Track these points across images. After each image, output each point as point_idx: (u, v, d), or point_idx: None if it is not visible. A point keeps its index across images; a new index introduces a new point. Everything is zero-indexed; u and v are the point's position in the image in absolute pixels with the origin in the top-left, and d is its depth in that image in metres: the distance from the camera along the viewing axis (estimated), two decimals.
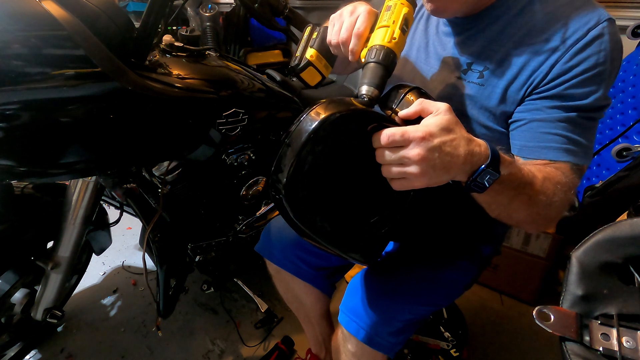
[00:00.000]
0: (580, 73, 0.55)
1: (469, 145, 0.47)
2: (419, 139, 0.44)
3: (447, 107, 0.48)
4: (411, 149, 0.44)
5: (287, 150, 0.47)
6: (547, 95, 0.58)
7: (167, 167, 1.04)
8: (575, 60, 0.55)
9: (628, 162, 1.14)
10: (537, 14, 0.59)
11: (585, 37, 0.55)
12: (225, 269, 1.30)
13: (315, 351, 1.13)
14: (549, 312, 0.48)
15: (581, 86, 0.56)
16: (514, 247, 1.45)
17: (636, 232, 0.50)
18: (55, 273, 1.00)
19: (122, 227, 1.77)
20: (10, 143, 0.67)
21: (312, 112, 0.47)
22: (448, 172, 0.46)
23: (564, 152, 0.58)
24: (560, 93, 0.57)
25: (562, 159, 0.58)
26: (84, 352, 1.26)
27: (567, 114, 0.57)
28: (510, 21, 0.61)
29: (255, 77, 1.06)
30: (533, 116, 0.59)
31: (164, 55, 0.88)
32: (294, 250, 0.92)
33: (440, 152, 0.45)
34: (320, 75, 0.69)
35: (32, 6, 0.61)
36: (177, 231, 1.08)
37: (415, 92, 0.53)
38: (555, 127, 0.58)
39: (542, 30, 0.58)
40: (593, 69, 0.55)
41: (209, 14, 2.26)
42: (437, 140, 0.45)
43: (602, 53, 0.55)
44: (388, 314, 0.72)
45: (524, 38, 0.59)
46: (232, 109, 0.95)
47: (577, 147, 0.58)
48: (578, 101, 0.56)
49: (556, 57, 0.56)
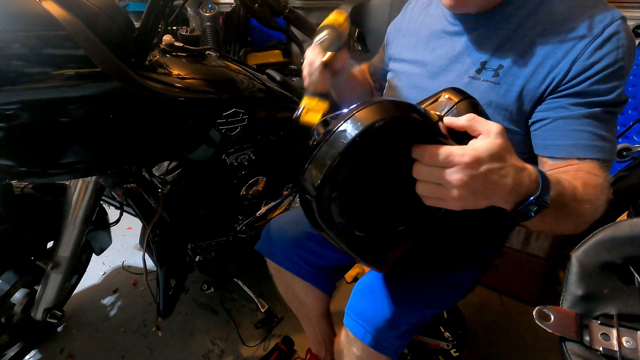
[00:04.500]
0: (603, 69, 0.55)
1: (518, 175, 0.43)
2: (464, 165, 0.39)
3: (500, 129, 0.43)
4: (454, 173, 0.40)
5: (327, 150, 0.42)
6: (570, 93, 0.57)
7: (167, 167, 1.04)
8: (596, 56, 0.55)
9: (628, 162, 1.14)
10: (551, 13, 0.59)
11: (602, 34, 0.55)
12: (225, 269, 1.30)
13: (315, 351, 1.13)
14: (549, 312, 0.47)
15: (604, 82, 0.56)
16: (514, 247, 1.44)
17: (636, 232, 0.50)
18: (55, 273, 1.00)
19: (122, 227, 1.77)
20: (10, 143, 0.67)
21: (361, 113, 0.41)
22: (489, 199, 0.43)
23: (592, 149, 0.56)
24: (583, 90, 0.56)
25: (591, 156, 0.56)
26: (84, 352, 1.26)
27: (591, 109, 0.56)
28: (524, 19, 0.61)
29: (255, 77, 1.06)
30: (558, 114, 0.58)
31: (164, 55, 0.88)
32: (295, 250, 0.92)
33: (485, 180, 0.40)
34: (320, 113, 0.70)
35: (32, 6, 0.61)
36: (177, 231, 1.08)
37: (468, 104, 0.49)
38: (581, 124, 0.56)
39: (557, 29, 0.58)
40: (614, 65, 0.55)
41: (209, 14, 2.25)
42: (484, 168, 0.40)
43: (621, 49, 0.55)
44: (395, 318, 0.72)
45: (539, 37, 0.59)
46: (232, 109, 0.95)
47: (604, 142, 0.57)
48: (602, 97, 0.56)
49: (575, 55, 0.56)
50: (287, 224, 0.96)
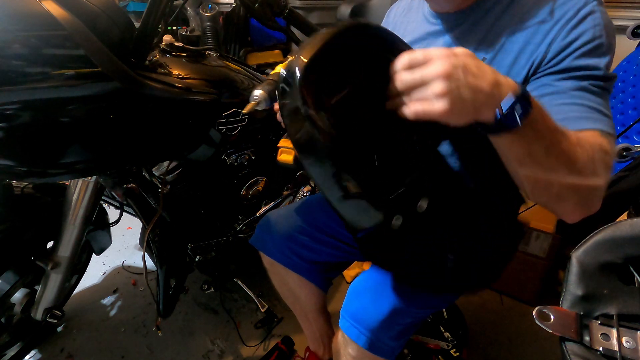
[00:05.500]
0: (581, 46, 0.55)
1: (494, 74, 0.43)
2: (443, 55, 0.40)
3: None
4: (434, 64, 0.40)
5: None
6: (552, 71, 0.57)
7: (167, 167, 1.04)
8: (573, 35, 0.55)
9: (628, 162, 1.14)
10: (527, 3, 0.60)
11: (577, 15, 0.56)
12: (225, 269, 1.30)
13: (313, 348, 1.12)
14: (549, 312, 0.47)
15: (586, 57, 0.55)
16: None
17: (636, 232, 0.50)
18: (55, 273, 1.00)
19: (122, 227, 1.77)
20: (10, 143, 0.67)
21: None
22: (474, 99, 0.41)
23: (586, 120, 0.52)
24: (566, 66, 0.56)
25: (587, 126, 0.52)
26: (84, 352, 1.26)
27: (580, 82, 0.55)
28: (501, 12, 0.62)
29: (255, 77, 1.06)
30: (542, 92, 0.56)
31: (164, 55, 0.88)
32: (288, 243, 0.92)
33: (465, 71, 0.40)
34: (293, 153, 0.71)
35: (32, 6, 0.61)
36: (177, 231, 1.08)
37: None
38: (570, 97, 0.54)
39: (535, 15, 0.58)
40: (592, 41, 0.55)
41: (209, 14, 2.26)
42: (462, 59, 0.41)
43: (598, 27, 0.55)
44: (389, 319, 0.72)
45: (518, 24, 0.60)
46: (232, 109, 0.95)
47: (599, 114, 0.53)
48: (587, 71, 0.55)
49: (552, 36, 0.56)
50: (281, 218, 0.96)
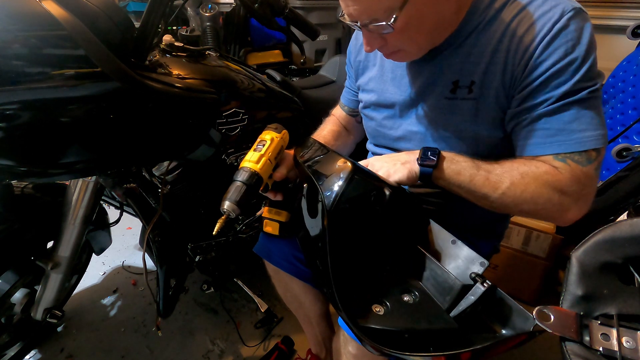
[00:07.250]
0: (553, 64, 0.56)
1: (400, 156, 0.65)
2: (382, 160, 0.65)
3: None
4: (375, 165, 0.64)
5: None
6: (525, 94, 0.59)
7: (167, 167, 1.04)
8: (545, 54, 0.57)
9: (628, 162, 1.14)
10: (502, 23, 0.60)
11: (551, 31, 0.56)
12: (225, 269, 1.29)
13: (315, 351, 1.13)
14: (549, 312, 0.47)
15: (557, 76, 0.56)
16: (514, 247, 1.45)
17: (636, 232, 0.50)
18: (55, 273, 1.00)
19: (122, 227, 1.77)
20: (10, 143, 0.67)
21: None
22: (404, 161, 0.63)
23: (542, 146, 0.59)
24: (538, 87, 0.58)
25: (540, 152, 0.60)
26: (84, 352, 1.26)
27: (550, 105, 0.58)
28: (477, 37, 0.63)
29: (255, 77, 1.06)
30: (518, 120, 0.62)
31: (164, 55, 0.88)
32: (291, 251, 0.92)
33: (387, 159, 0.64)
34: (278, 223, 0.80)
35: (32, 6, 0.61)
36: (177, 231, 1.08)
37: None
38: (536, 121, 0.60)
39: (513, 35, 0.59)
40: (564, 58, 0.56)
41: (209, 14, 2.25)
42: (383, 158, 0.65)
43: (570, 43, 0.56)
44: None
45: (497, 45, 0.61)
46: (232, 109, 0.95)
47: (563, 135, 0.58)
48: (559, 88, 0.57)
49: (528, 57, 0.58)
50: None
